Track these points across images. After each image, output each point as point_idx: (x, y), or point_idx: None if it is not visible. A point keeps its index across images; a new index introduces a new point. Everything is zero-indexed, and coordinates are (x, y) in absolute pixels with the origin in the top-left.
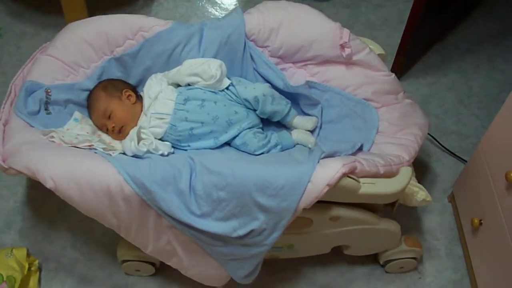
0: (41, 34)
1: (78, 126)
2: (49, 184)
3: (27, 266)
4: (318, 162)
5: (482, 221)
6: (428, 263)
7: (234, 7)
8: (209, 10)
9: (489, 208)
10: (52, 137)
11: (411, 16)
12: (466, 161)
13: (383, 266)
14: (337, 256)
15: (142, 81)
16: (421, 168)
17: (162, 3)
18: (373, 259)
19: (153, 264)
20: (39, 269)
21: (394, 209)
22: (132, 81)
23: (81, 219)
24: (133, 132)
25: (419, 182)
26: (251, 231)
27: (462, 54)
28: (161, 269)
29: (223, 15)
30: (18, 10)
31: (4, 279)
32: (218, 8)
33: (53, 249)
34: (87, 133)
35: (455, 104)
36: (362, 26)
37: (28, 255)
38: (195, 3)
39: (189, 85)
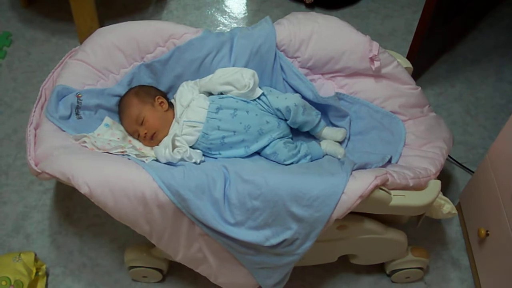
0: (51, 41)
1: (109, 132)
2: (84, 190)
3: (34, 270)
4: (351, 173)
5: (488, 232)
6: (435, 273)
7: (243, 15)
8: (219, 19)
9: (496, 218)
10: (84, 142)
11: (419, 26)
12: (473, 172)
13: (389, 275)
14: (343, 265)
15: (172, 88)
16: None
17: (172, 11)
18: (379, 269)
19: (160, 270)
20: (47, 274)
21: (419, 221)
22: (162, 88)
23: (89, 225)
24: (167, 139)
25: None
26: (284, 240)
27: (469, 65)
28: (168, 276)
29: (233, 23)
30: (29, 17)
31: (12, 283)
32: (227, 16)
33: (60, 254)
34: (118, 138)
35: (462, 114)
36: (371, 37)
37: (36, 259)
38: (204, 11)
39: (221, 93)
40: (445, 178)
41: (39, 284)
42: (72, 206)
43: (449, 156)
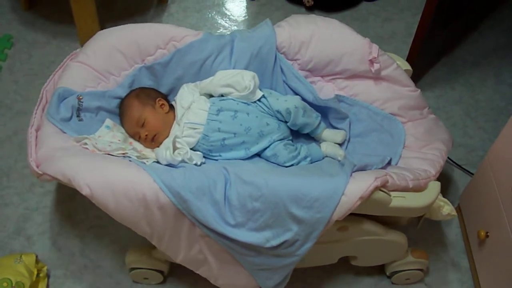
0: (52, 43)
1: (110, 134)
2: (85, 191)
3: (35, 272)
4: (351, 175)
5: (488, 233)
6: (435, 275)
7: (243, 18)
8: (219, 22)
9: (496, 220)
10: (85, 144)
11: (419, 29)
12: (472, 174)
13: (389, 277)
14: (344, 266)
15: (172, 91)
16: None
17: (173, 13)
18: (379, 270)
19: (161, 272)
20: (48, 275)
21: (420, 223)
22: (162, 90)
23: (90, 227)
24: (168, 141)
25: None
26: (284, 242)
27: (469, 67)
28: (169, 277)
29: (233, 26)
30: (30, 19)
31: (13, 284)
32: (227, 19)
33: (61, 256)
34: (119, 140)
35: (462, 117)
36: (371, 39)
37: (37, 261)
38: (205, 14)
39: (222, 96)
40: (445, 180)
41: (40, 285)
42: (73, 208)
43: (448, 158)
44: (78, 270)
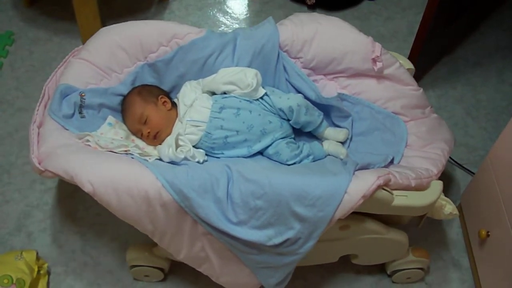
0: (53, 40)
1: (112, 131)
2: (87, 188)
3: (36, 269)
4: (354, 173)
5: (489, 233)
6: (435, 274)
7: (245, 16)
8: (220, 19)
9: (497, 219)
10: (88, 140)
11: (420, 28)
12: (473, 173)
13: (390, 276)
14: (344, 265)
15: (175, 88)
16: None
17: (174, 11)
18: (380, 269)
19: (162, 269)
20: (48, 272)
21: (421, 222)
22: (165, 88)
23: (91, 224)
24: (171, 139)
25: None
26: (286, 240)
27: (470, 67)
28: (170, 275)
29: (234, 24)
30: (32, 16)
31: (14, 281)
32: (229, 17)
33: (62, 253)
34: (121, 137)
35: (463, 116)
36: (372, 38)
37: (38, 258)
38: (206, 12)
39: (224, 93)
40: (446, 179)
41: (41, 282)
42: (74, 205)
43: (450, 157)
44: (78, 267)
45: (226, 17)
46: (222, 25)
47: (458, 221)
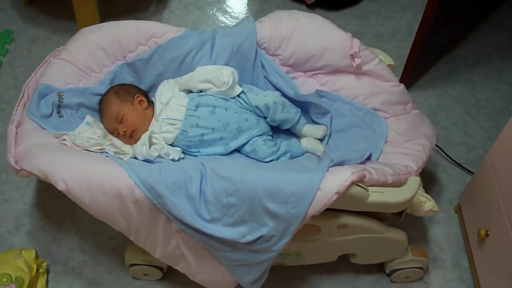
0: (52, 39)
1: (90, 130)
2: (60, 186)
3: (35, 267)
4: (328, 170)
5: (488, 232)
6: (434, 274)
7: (244, 15)
8: (220, 18)
9: (496, 219)
10: (64, 140)
11: (420, 28)
12: (473, 173)
13: (389, 275)
14: (343, 264)
15: (153, 87)
16: (428, 179)
17: (174, 10)
18: (379, 268)
19: (160, 268)
20: (47, 271)
21: (402, 218)
22: (143, 87)
23: (89, 222)
24: (144, 137)
25: (426, 193)
26: (260, 237)
27: (470, 66)
28: (169, 274)
29: (234, 23)
30: (31, 14)
31: (13, 280)
32: (228, 16)
33: (61, 252)
34: (99, 137)
35: (462, 116)
36: (372, 38)
37: (37, 257)
38: (206, 11)
39: (201, 91)
40: (445, 178)
41: (40, 281)
42: (73, 204)
43: (449, 157)
44: (77, 266)
45: (225, 16)
46: (222, 24)
47: (457, 221)
